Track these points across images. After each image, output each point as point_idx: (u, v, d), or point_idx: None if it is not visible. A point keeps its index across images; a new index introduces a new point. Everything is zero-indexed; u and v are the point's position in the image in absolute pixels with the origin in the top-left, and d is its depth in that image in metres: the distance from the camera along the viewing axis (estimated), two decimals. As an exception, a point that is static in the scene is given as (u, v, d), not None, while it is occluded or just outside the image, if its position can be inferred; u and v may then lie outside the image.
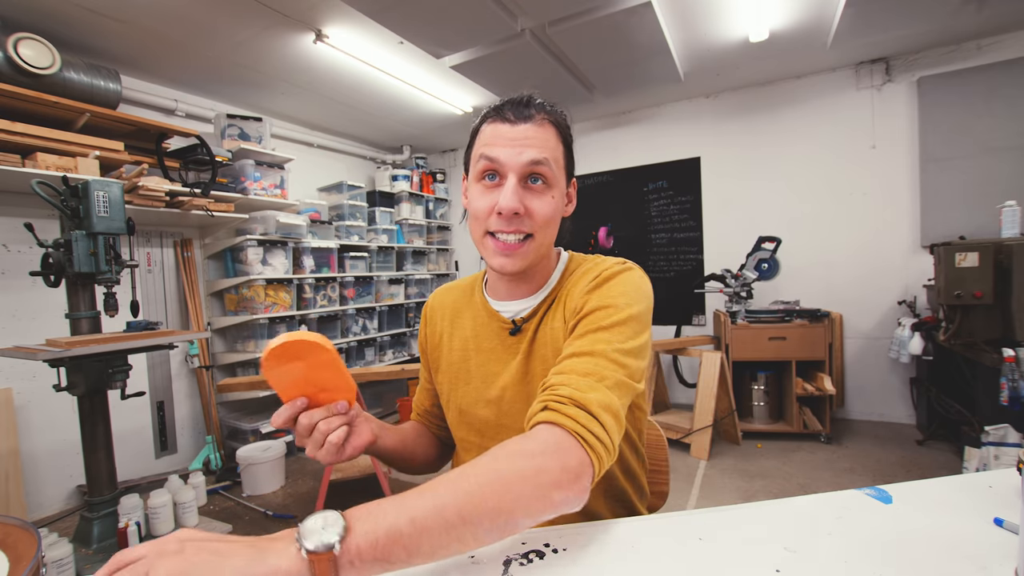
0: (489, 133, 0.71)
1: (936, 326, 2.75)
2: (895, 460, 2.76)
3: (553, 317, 0.76)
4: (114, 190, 1.85)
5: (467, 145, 0.78)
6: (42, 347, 1.72)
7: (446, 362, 0.84)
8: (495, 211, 0.68)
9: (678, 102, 4.01)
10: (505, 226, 0.69)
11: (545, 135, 0.70)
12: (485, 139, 0.71)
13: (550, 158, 0.69)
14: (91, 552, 1.82)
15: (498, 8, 2.33)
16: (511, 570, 0.52)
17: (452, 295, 0.89)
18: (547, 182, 0.70)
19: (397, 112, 3.82)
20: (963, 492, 0.64)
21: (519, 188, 0.69)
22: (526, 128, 0.69)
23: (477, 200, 0.71)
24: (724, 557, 0.53)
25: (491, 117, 0.72)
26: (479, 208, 0.71)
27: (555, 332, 0.74)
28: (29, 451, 2.45)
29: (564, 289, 0.77)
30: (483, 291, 0.84)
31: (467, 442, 0.81)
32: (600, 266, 0.74)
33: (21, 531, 0.50)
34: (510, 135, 0.69)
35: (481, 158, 0.70)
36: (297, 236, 3.38)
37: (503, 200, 0.67)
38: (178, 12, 2.34)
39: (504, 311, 0.79)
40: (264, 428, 3.14)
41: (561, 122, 0.74)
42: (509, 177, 0.68)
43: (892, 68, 3.30)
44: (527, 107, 0.71)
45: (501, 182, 0.69)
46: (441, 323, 0.87)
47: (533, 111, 0.70)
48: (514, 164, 0.68)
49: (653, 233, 4.19)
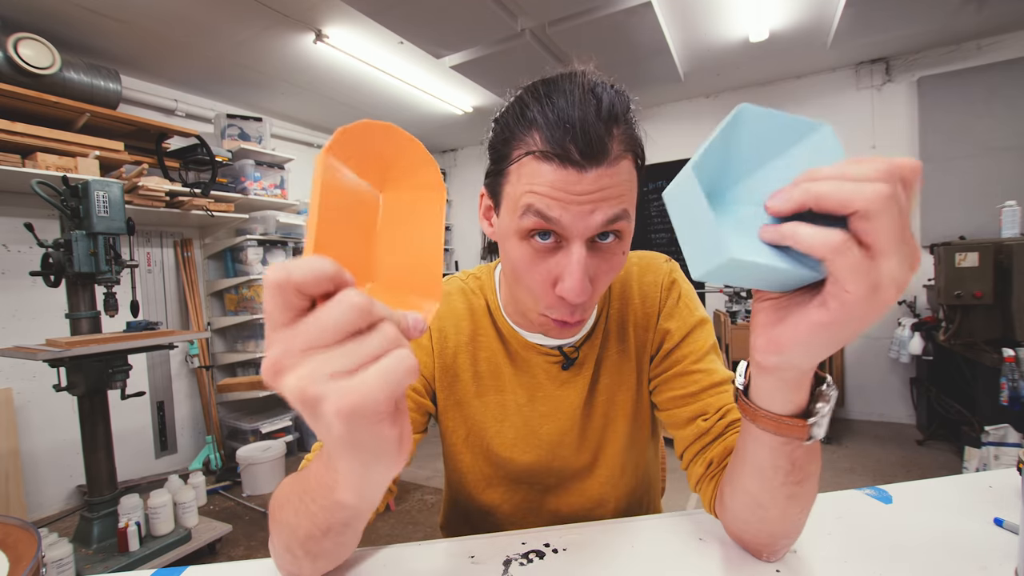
0: (539, 175, 0.47)
1: (936, 326, 2.75)
2: (895, 460, 2.76)
3: (609, 344, 0.67)
4: (114, 190, 1.85)
5: (493, 157, 0.54)
6: (42, 347, 1.72)
7: (465, 391, 0.67)
8: (556, 293, 0.50)
9: (678, 102, 4.01)
10: (567, 314, 0.52)
11: (622, 176, 0.48)
12: (534, 184, 0.47)
13: (629, 207, 0.49)
14: (91, 552, 1.82)
15: (498, 8, 2.33)
16: (511, 570, 0.52)
17: (460, 300, 0.69)
18: (621, 237, 0.51)
19: (397, 112, 3.82)
20: (963, 492, 0.64)
21: (586, 255, 0.48)
22: (598, 175, 0.46)
23: (525, 269, 0.51)
24: (724, 557, 0.53)
25: (539, 151, 0.47)
26: (531, 281, 0.52)
27: (616, 358, 0.66)
28: (29, 451, 2.45)
29: (617, 308, 0.67)
30: (503, 313, 0.67)
31: (493, 478, 0.70)
32: (655, 273, 0.68)
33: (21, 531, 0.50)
34: (576, 188, 0.46)
35: (528, 212, 0.48)
36: (297, 236, 3.37)
37: (571, 288, 0.48)
38: (178, 12, 2.34)
39: (545, 343, 0.65)
40: (264, 428, 3.14)
41: (638, 138, 0.52)
42: (574, 247, 0.48)
43: (892, 68, 3.30)
44: (597, 133, 0.46)
45: (559, 244, 0.50)
46: (457, 335, 0.67)
47: (606, 141, 0.46)
48: (582, 229, 0.47)
49: (653, 233, 4.19)
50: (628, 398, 0.67)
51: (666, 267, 0.69)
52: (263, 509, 2.50)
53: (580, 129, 0.45)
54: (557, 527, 0.61)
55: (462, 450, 0.69)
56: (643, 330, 0.66)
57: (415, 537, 2.19)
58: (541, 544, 0.57)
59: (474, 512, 0.72)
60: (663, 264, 0.70)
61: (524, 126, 0.49)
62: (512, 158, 0.50)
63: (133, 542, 1.86)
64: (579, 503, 0.70)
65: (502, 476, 0.69)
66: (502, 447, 0.67)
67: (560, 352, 0.65)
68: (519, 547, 0.56)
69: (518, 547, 0.56)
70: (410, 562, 0.56)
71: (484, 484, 0.70)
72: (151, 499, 2.00)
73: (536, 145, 0.47)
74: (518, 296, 0.58)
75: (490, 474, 0.70)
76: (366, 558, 0.56)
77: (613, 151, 0.47)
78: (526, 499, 0.70)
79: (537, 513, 0.71)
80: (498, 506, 0.70)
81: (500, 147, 0.52)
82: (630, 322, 0.67)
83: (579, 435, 0.67)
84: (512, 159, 0.50)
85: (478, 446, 0.68)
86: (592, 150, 0.45)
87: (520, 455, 0.67)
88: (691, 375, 0.61)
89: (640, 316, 0.67)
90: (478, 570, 0.53)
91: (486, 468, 0.69)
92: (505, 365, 0.67)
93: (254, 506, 2.54)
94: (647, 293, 0.67)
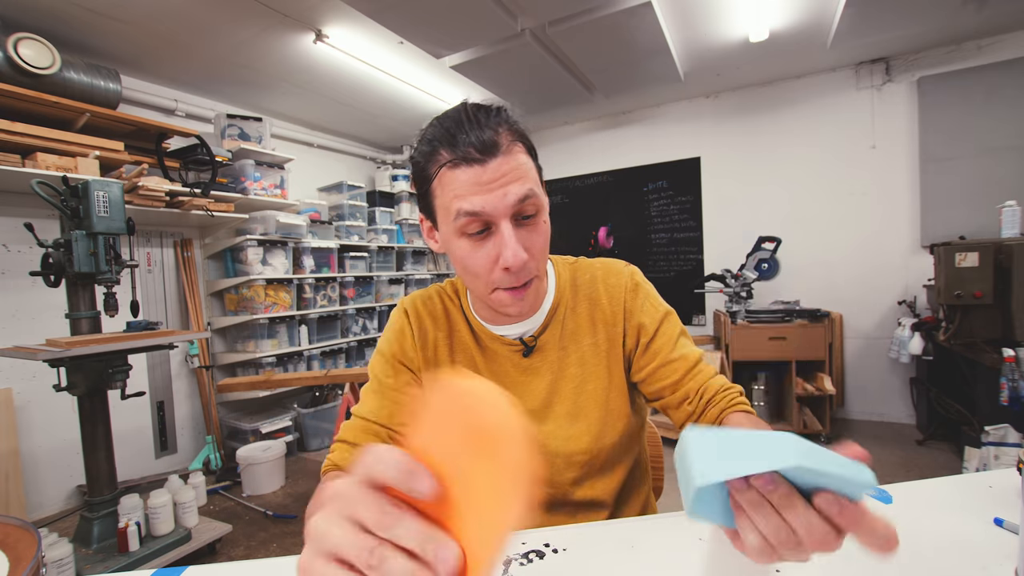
0: (456, 181, 0.58)
1: (936, 326, 2.75)
2: (895, 460, 2.76)
3: (578, 337, 0.74)
4: (114, 190, 1.85)
5: (418, 186, 0.65)
6: (42, 347, 1.72)
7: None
8: (500, 267, 0.60)
9: (678, 102, 4.01)
10: (514, 280, 0.61)
11: (518, 160, 0.60)
12: (454, 189, 0.59)
13: (533, 185, 0.60)
14: (91, 552, 1.82)
15: (498, 8, 2.33)
16: (511, 570, 0.52)
17: (438, 302, 0.79)
18: (538, 211, 0.62)
19: (397, 112, 3.82)
20: (963, 492, 0.64)
21: (514, 230, 0.59)
22: (498, 164, 0.58)
23: (470, 258, 0.61)
24: (724, 557, 0.53)
25: (446, 159, 0.59)
26: (477, 266, 0.62)
27: (587, 351, 0.74)
28: (29, 451, 2.45)
29: (585, 307, 0.76)
30: (472, 312, 0.76)
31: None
32: (617, 276, 0.77)
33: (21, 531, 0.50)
34: (485, 178, 0.57)
35: (460, 215, 0.58)
36: (297, 236, 3.38)
37: (510, 257, 0.58)
38: (178, 12, 2.34)
39: (506, 334, 0.74)
40: (264, 428, 3.14)
41: (522, 133, 0.63)
42: (502, 226, 0.59)
43: (892, 68, 3.30)
44: (486, 135, 0.58)
45: (491, 230, 0.60)
46: (435, 332, 0.76)
47: (495, 138, 0.58)
48: (503, 209, 0.58)
49: (653, 233, 4.19)
50: (599, 387, 0.74)
51: (627, 270, 0.79)
52: (263, 509, 2.50)
53: (472, 135, 0.58)
54: (557, 527, 0.61)
55: None
56: (611, 326, 0.75)
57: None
58: (541, 544, 0.57)
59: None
60: (624, 268, 0.79)
61: (432, 152, 0.61)
62: (431, 176, 0.62)
63: (133, 542, 1.86)
64: (556, 490, 0.74)
65: None
66: None
67: (521, 341, 0.74)
68: (519, 547, 0.56)
69: (518, 547, 0.56)
70: (410, 562, 0.55)
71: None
72: (151, 499, 2.00)
73: (445, 158, 0.59)
74: (473, 289, 0.67)
75: None
76: (366, 558, 0.56)
77: (503, 143, 0.59)
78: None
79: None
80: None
81: (420, 174, 0.64)
82: (599, 319, 0.75)
83: (550, 416, 0.73)
84: (432, 177, 0.62)
85: None
86: (485, 146, 0.58)
87: None
88: (671, 364, 0.72)
89: (608, 314, 0.75)
90: (478, 570, 0.52)
91: None
92: (477, 356, 0.75)
93: (254, 506, 2.54)
94: (613, 294, 0.76)
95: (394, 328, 0.77)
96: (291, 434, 3.26)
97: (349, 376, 2.61)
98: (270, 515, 2.44)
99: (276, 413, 3.39)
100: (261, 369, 3.20)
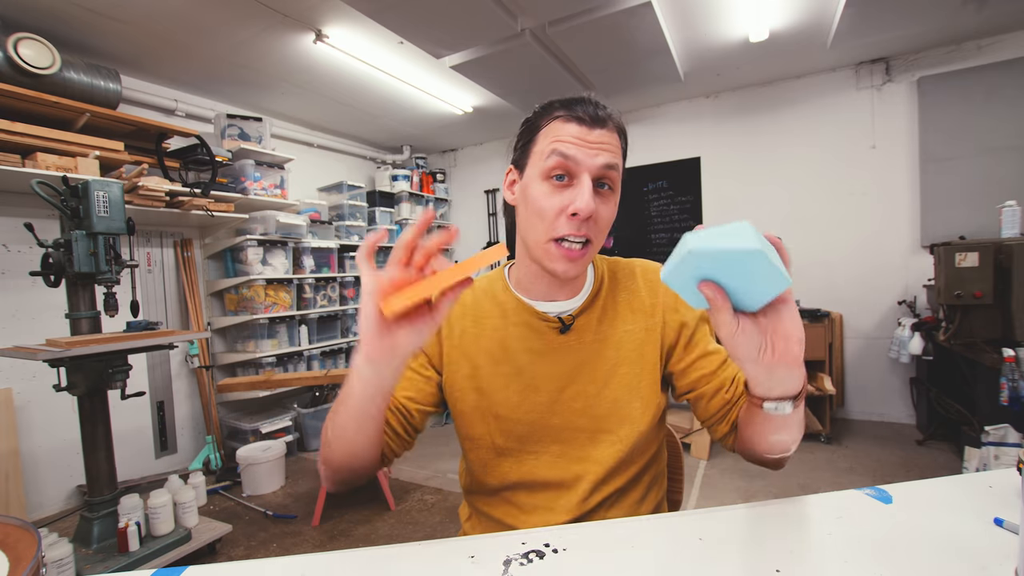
0: (562, 130, 0.67)
1: (936, 326, 2.75)
2: (895, 460, 2.76)
3: (616, 323, 0.77)
4: (114, 190, 1.85)
5: (523, 136, 0.73)
6: (42, 347, 1.72)
7: (472, 365, 0.77)
8: (568, 212, 0.65)
9: (678, 102, 4.01)
10: (575, 230, 0.66)
11: (616, 141, 0.69)
12: (558, 135, 0.67)
13: (619, 164, 0.69)
14: (91, 552, 1.82)
15: (498, 8, 2.33)
16: (511, 570, 0.52)
17: (467, 292, 0.82)
18: (613, 188, 0.69)
19: (397, 112, 3.82)
20: (963, 492, 0.64)
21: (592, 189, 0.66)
22: (601, 133, 0.67)
23: (544, 199, 0.67)
24: (724, 557, 0.53)
25: (560, 114, 0.68)
26: (547, 208, 0.66)
27: (623, 337, 0.77)
28: (29, 451, 2.45)
29: (625, 296, 0.79)
30: (511, 290, 0.80)
31: (503, 448, 0.77)
32: (656, 272, 0.82)
33: (21, 531, 0.50)
34: (588, 138, 0.66)
35: (553, 154, 0.66)
36: (297, 236, 3.38)
37: (580, 201, 0.64)
38: (178, 12, 2.34)
39: (547, 310, 0.77)
40: (264, 428, 3.14)
41: (624, 131, 0.72)
42: (583, 178, 0.65)
43: (892, 68, 3.30)
44: (600, 111, 0.68)
45: (571, 182, 0.66)
46: (462, 320, 0.80)
47: (606, 117, 0.68)
48: (591, 165, 0.65)
49: (653, 233, 4.19)
50: (631, 372, 0.76)
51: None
52: (263, 509, 2.50)
53: (588, 108, 0.68)
54: (557, 527, 0.61)
55: (473, 418, 0.78)
56: (648, 316, 0.78)
57: (415, 537, 2.19)
58: (541, 544, 0.57)
59: (488, 475, 0.78)
60: (661, 269, 0.78)
61: (550, 110, 0.70)
62: (541, 126, 0.70)
63: (133, 542, 1.86)
64: (581, 468, 0.75)
65: (508, 436, 0.77)
66: (506, 407, 0.76)
67: (559, 319, 0.76)
68: (519, 547, 0.56)
69: (518, 547, 0.56)
70: (410, 562, 0.56)
71: (498, 455, 0.78)
72: (151, 499, 2.00)
73: (560, 113, 0.68)
74: (532, 237, 0.70)
75: (498, 436, 0.77)
76: (366, 558, 0.56)
77: (610, 124, 0.68)
78: (531, 465, 0.76)
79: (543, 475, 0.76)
80: (506, 473, 0.77)
81: (530, 126, 0.72)
82: (637, 308, 0.79)
83: (580, 395, 0.75)
84: (541, 127, 0.70)
85: (487, 411, 0.77)
86: (598, 117, 0.67)
87: (526, 413, 0.75)
88: (708, 356, 0.76)
89: (647, 305, 0.79)
90: (478, 570, 0.53)
91: (505, 441, 0.77)
92: (508, 338, 0.77)
93: (254, 506, 2.54)
94: (652, 287, 0.80)
95: None
96: (291, 434, 3.26)
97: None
98: (270, 515, 2.44)
99: (276, 413, 3.40)
100: (261, 369, 3.20)
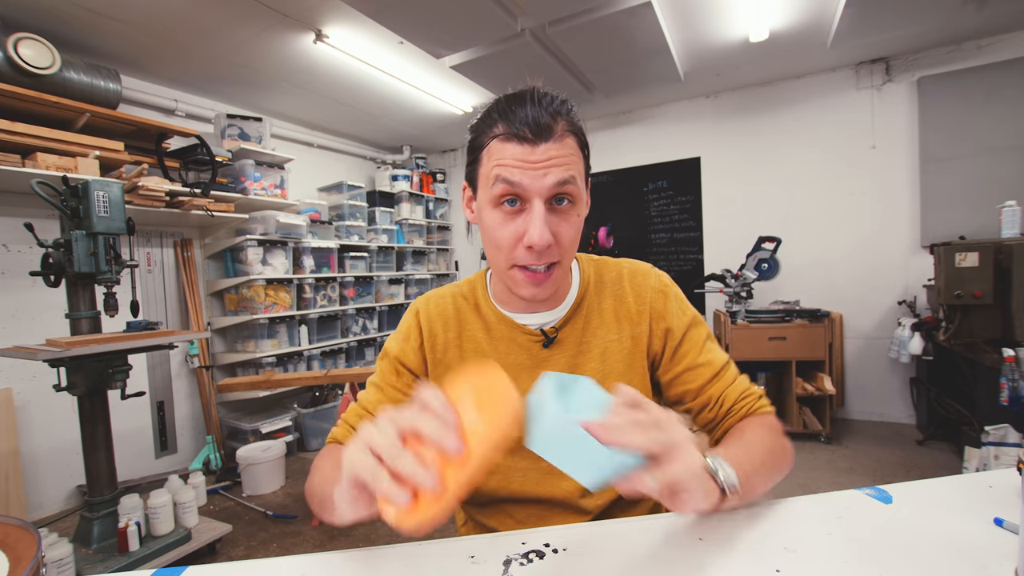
0: (503, 153, 0.61)
1: (936, 326, 2.75)
2: (895, 460, 2.76)
3: (600, 332, 0.74)
4: (114, 190, 1.85)
5: (470, 153, 0.68)
6: (42, 347, 1.72)
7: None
8: (523, 244, 0.62)
9: (678, 102, 4.01)
10: (535, 259, 0.62)
11: (567, 150, 0.61)
12: (499, 159, 0.61)
13: (576, 174, 0.62)
14: (91, 552, 1.82)
15: (498, 8, 2.33)
16: (511, 570, 0.52)
17: (450, 303, 0.79)
18: (573, 201, 0.63)
19: (397, 112, 3.82)
20: (963, 492, 0.64)
21: (545, 212, 0.61)
22: (547, 147, 0.60)
23: (498, 229, 0.63)
24: (724, 557, 0.53)
25: (499, 132, 0.61)
26: (502, 239, 0.63)
27: (611, 347, 0.73)
28: (29, 451, 2.45)
29: (611, 304, 0.75)
30: (491, 302, 0.76)
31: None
32: (644, 276, 0.77)
33: (21, 531, 0.50)
34: (531, 158, 0.59)
35: (498, 181, 0.60)
36: (297, 236, 3.38)
37: (534, 235, 0.60)
38: (178, 12, 2.34)
39: (528, 323, 0.74)
40: (264, 428, 3.14)
41: (579, 128, 0.65)
42: (535, 204, 0.60)
43: (892, 68, 3.30)
44: (544, 120, 0.60)
45: (523, 207, 0.61)
46: (445, 333, 0.77)
47: (552, 124, 0.60)
48: (539, 189, 0.60)
49: (653, 233, 4.19)
50: (619, 383, 0.72)
51: (654, 272, 0.79)
52: (263, 509, 2.50)
53: (530, 116, 0.60)
54: (557, 527, 0.61)
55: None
56: (636, 324, 0.75)
57: (415, 537, 2.19)
58: (541, 544, 0.57)
59: (478, 489, 0.75)
60: (650, 269, 0.79)
61: (490, 123, 0.63)
62: (483, 144, 0.64)
63: (133, 542, 1.86)
64: (572, 484, 0.71)
65: (498, 459, 0.73)
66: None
67: (542, 332, 0.73)
68: (519, 547, 0.56)
69: (518, 547, 0.56)
70: (410, 562, 0.56)
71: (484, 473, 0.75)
72: (151, 499, 2.00)
73: (499, 131, 0.61)
74: (494, 263, 0.67)
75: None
76: (366, 558, 0.56)
77: (557, 131, 0.61)
78: (519, 483, 0.73)
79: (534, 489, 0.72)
80: (495, 490, 0.74)
81: (473, 143, 0.67)
82: (623, 316, 0.75)
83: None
84: (483, 146, 0.64)
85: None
86: (540, 130, 0.60)
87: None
88: (696, 369, 0.73)
89: (633, 312, 0.75)
90: (478, 570, 0.53)
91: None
92: (492, 353, 0.75)
93: (254, 506, 2.54)
94: (639, 293, 0.76)
95: (402, 330, 0.79)
96: (291, 434, 3.26)
97: (349, 376, 2.61)
98: (270, 515, 2.44)
99: (276, 413, 3.40)
100: (261, 369, 3.20)
